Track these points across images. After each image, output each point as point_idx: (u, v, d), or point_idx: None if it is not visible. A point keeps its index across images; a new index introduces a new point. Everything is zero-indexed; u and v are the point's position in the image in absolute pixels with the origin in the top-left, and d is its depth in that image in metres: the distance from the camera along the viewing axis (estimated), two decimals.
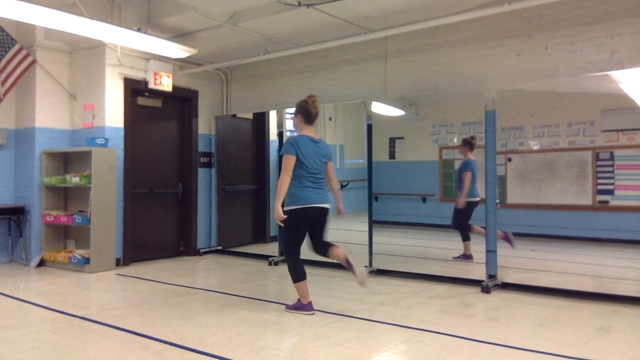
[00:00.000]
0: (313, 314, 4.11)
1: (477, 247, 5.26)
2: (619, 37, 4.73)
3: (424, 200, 5.89)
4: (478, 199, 5.40)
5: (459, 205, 5.51)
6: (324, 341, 3.46)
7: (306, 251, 4.28)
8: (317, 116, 4.32)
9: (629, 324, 3.85)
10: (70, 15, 4.83)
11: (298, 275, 4.17)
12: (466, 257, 5.53)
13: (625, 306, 4.30)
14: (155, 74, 6.61)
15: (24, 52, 6.10)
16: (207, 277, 6.07)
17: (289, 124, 8.02)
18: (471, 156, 5.49)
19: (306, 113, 4.28)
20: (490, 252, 5.16)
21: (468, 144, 5.49)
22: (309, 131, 4.28)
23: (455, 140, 5.65)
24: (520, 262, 5.28)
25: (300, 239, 4.23)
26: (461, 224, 5.59)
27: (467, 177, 5.48)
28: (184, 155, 7.27)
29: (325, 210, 4.24)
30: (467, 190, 5.49)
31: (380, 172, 6.00)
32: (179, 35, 6.06)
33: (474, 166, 5.46)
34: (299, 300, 4.20)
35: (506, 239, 5.19)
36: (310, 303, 4.17)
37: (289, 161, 4.11)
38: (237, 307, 4.38)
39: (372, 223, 5.94)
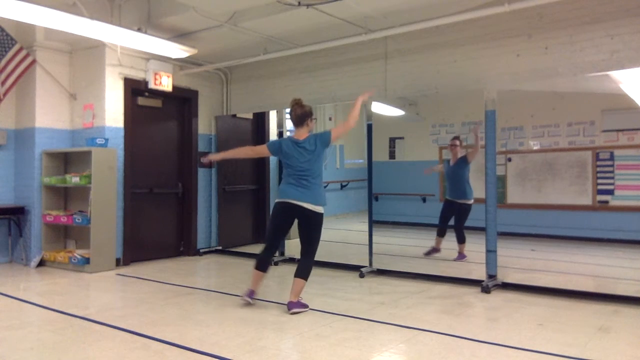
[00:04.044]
0: (244, 302, 4.37)
1: (477, 247, 5.26)
2: (619, 37, 4.73)
3: (424, 200, 5.89)
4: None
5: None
6: (324, 341, 3.46)
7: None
8: (297, 119, 4.34)
9: (629, 324, 3.85)
10: (70, 15, 4.83)
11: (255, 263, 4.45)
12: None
13: (625, 306, 4.30)
14: (155, 74, 6.61)
15: (24, 52, 6.10)
16: (207, 277, 6.07)
17: (289, 124, 8.01)
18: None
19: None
20: (490, 252, 5.16)
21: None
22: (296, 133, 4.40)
23: None
24: (520, 262, 5.29)
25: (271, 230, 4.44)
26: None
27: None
28: (184, 155, 7.27)
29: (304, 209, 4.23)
30: None
31: (380, 172, 6.00)
32: (179, 35, 6.06)
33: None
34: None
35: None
36: (249, 290, 4.39)
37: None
38: (237, 307, 4.38)
39: (372, 223, 5.94)
